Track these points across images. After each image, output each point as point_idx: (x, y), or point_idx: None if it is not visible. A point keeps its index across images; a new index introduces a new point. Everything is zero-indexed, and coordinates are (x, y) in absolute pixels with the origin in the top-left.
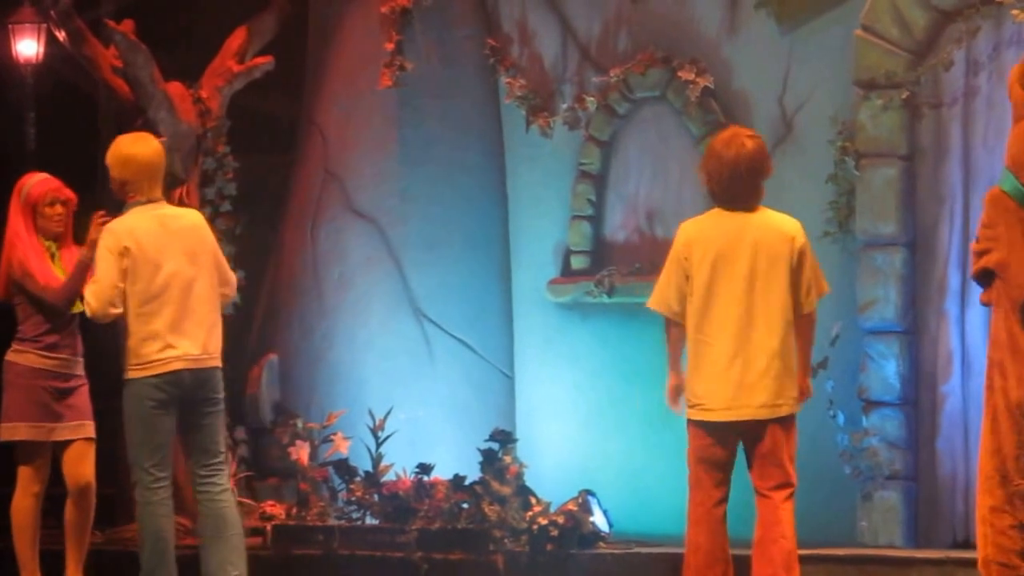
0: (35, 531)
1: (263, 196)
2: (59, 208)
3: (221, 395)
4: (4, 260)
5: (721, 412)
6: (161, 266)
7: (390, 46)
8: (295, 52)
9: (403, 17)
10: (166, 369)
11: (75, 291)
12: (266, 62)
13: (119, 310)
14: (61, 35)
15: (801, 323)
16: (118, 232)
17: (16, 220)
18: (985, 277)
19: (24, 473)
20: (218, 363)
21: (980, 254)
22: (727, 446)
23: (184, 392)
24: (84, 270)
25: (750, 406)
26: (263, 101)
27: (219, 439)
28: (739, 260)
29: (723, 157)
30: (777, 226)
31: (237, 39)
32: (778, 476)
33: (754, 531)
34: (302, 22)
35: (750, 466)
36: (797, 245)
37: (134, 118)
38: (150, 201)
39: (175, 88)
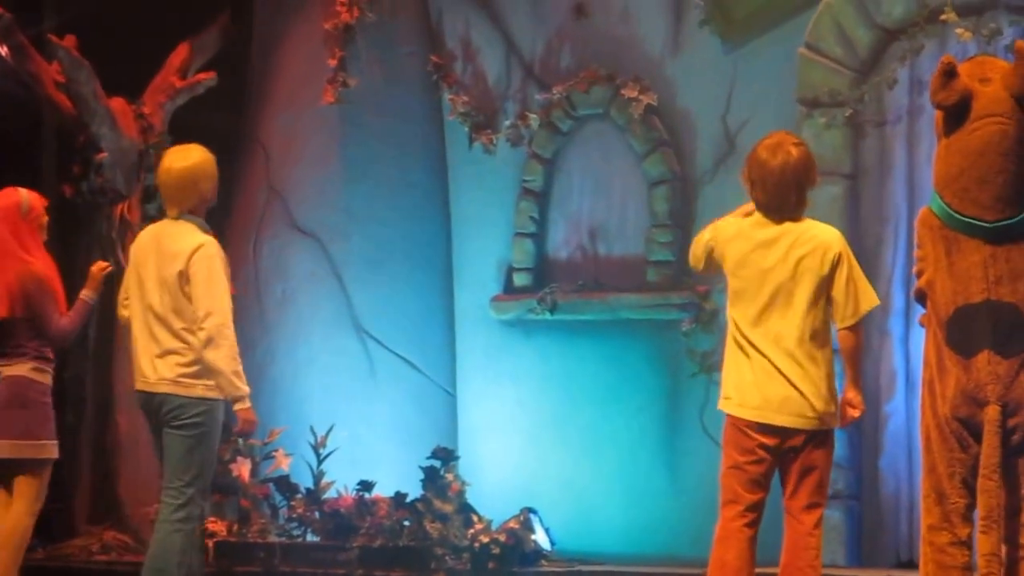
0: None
1: (205, 212)
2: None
3: (182, 420)
4: (14, 276)
5: (752, 411)
6: (143, 283)
7: (333, 62)
8: (238, 68)
9: (346, 34)
10: (135, 387)
11: (79, 332)
12: (209, 78)
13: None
14: (3, 50)
15: (841, 336)
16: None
17: (26, 239)
18: (922, 298)
19: (37, 490)
20: (172, 389)
21: (917, 275)
22: (760, 454)
23: (147, 413)
24: (88, 311)
25: (780, 413)
26: (206, 117)
27: (173, 465)
28: (774, 269)
29: (768, 165)
30: (814, 236)
31: (180, 55)
32: (808, 496)
33: (780, 556)
34: (245, 38)
35: (782, 483)
36: (830, 256)
37: (76, 133)
38: (169, 218)
39: (117, 104)
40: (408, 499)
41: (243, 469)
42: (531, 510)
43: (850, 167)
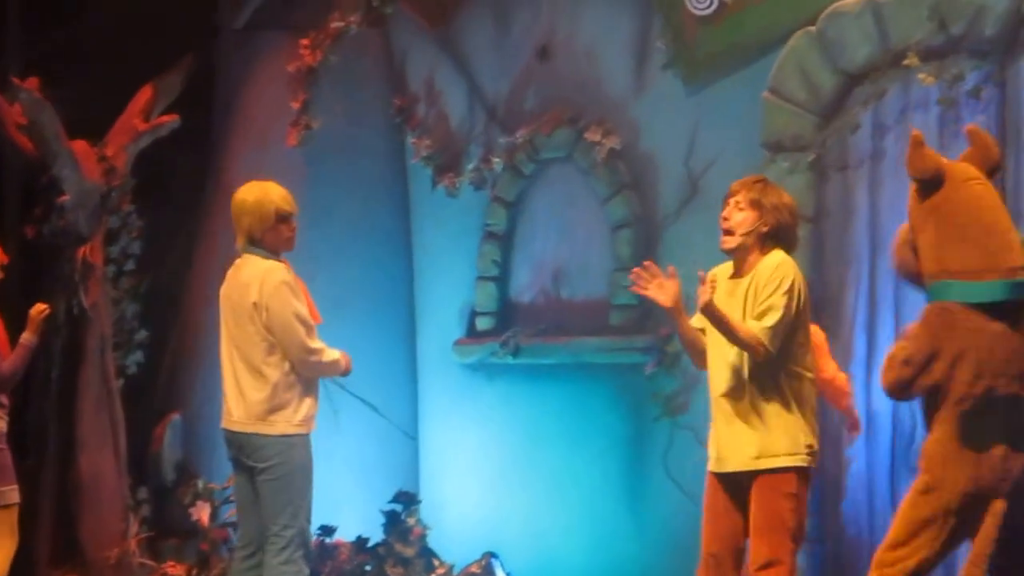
0: None
1: (168, 255)
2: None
3: (270, 463)
4: None
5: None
6: (226, 319)
7: (297, 105)
8: (202, 110)
9: (310, 76)
10: (222, 426)
11: (19, 376)
12: (172, 120)
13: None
14: None
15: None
16: None
17: None
18: (909, 393)
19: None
20: (259, 429)
21: (911, 372)
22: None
23: (235, 453)
24: (27, 354)
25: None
26: (169, 159)
27: (270, 512)
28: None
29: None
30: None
31: (143, 97)
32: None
33: None
34: (209, 80)
35: None
36: None
37: (39, 175)
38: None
39: (80, 146)
40: (370, 543)
41: (203, 513)
42: (493, 554)
43: (813, 211)
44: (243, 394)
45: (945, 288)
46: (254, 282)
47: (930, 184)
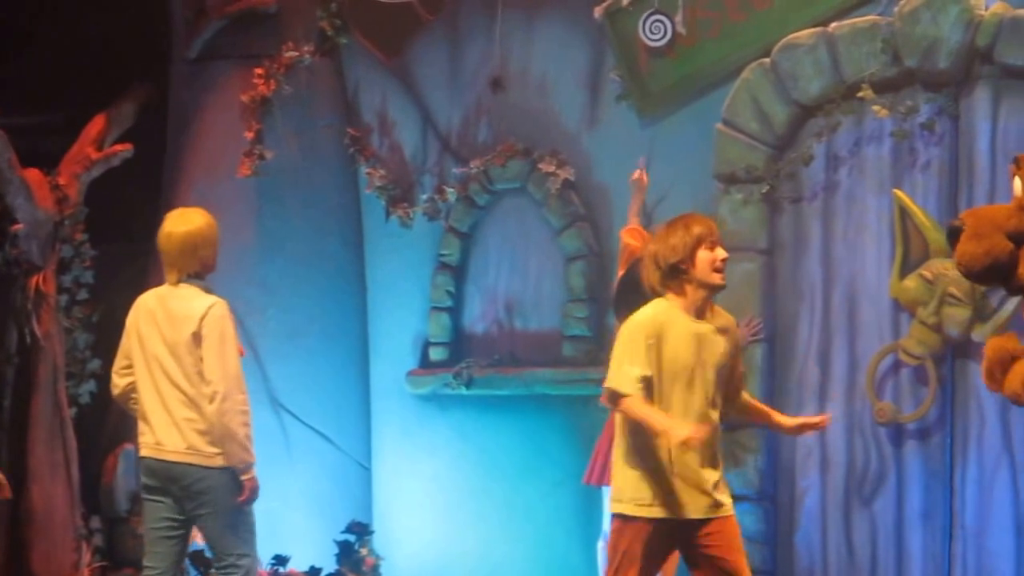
0: None
1: (121, 284)
2: None
3: (213, 495)
4: None
5: None
6: (147, 349)
7: (250, 135)
8: (155, 140)
9: (263, 106)
10: (141, 454)
11: None
12: (125, 149)
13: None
14: None
15: None
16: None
17: None
18: None
19: None
20: (200, 461)
21: None
22: None
23: (160, 483)
24: None
25: None
26: (122, 188)
27: (223, 543)
28: None
29: None
30: None
31: (96, 126)
32: None
33: None
34: (162, 110)
35: None
36: None
37: None
38: (168, 283)
39: (33, 175)
40: (323, 574)
41: None
42: None
43: (766, 243)
44: (177, 425)
45: None
46: (197, 315)
47: None
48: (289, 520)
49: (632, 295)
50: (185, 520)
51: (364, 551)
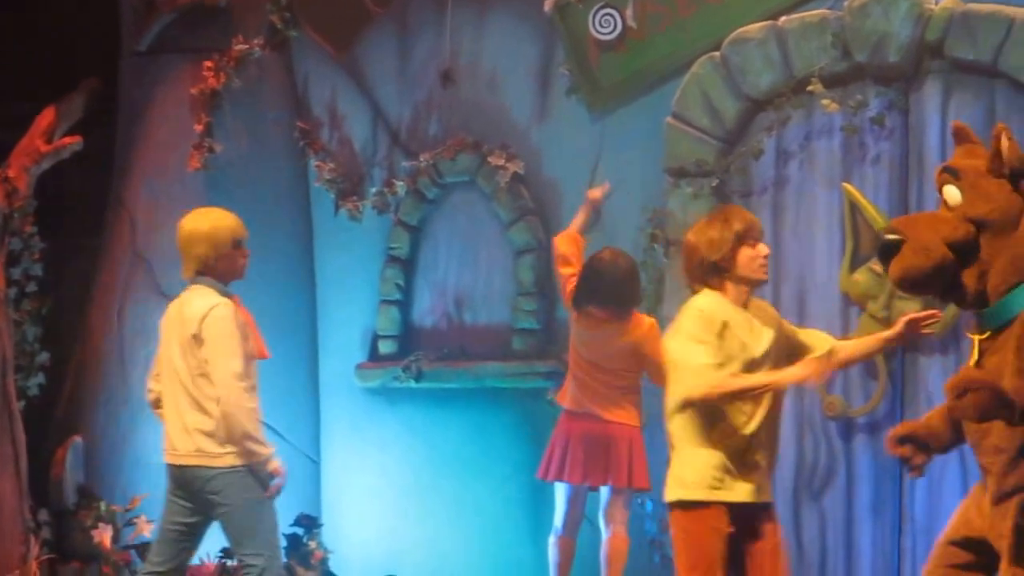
0: None
1: (70, 277)
2: None
3: (219, 495)
4: None
5: None
6: (170, 353)
7: (199, 128)
8: (104, 132)
9: (213, 99)
10: (165, 460)
11: None
12: (74, 142)
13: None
14: None
15: None
16: None
17: None
18: None
19: None
20: (206, 462)
21: None
22: None
23: (175, 486)
24: None
25: None
26: (72, 181)
27: (234, 542)
28: None
29: None
30: None
31: (45, 119)
32: None
33: None
34: (111, 103)
35: None
36: None
37: None
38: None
39: None
40: None
41: (104, 536)
42: None
43: None
44: (187, 429)
45: None
46: (198, 315)
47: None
48: None
49: (593, 286)
50: (196, 524)
51: (312, 544)
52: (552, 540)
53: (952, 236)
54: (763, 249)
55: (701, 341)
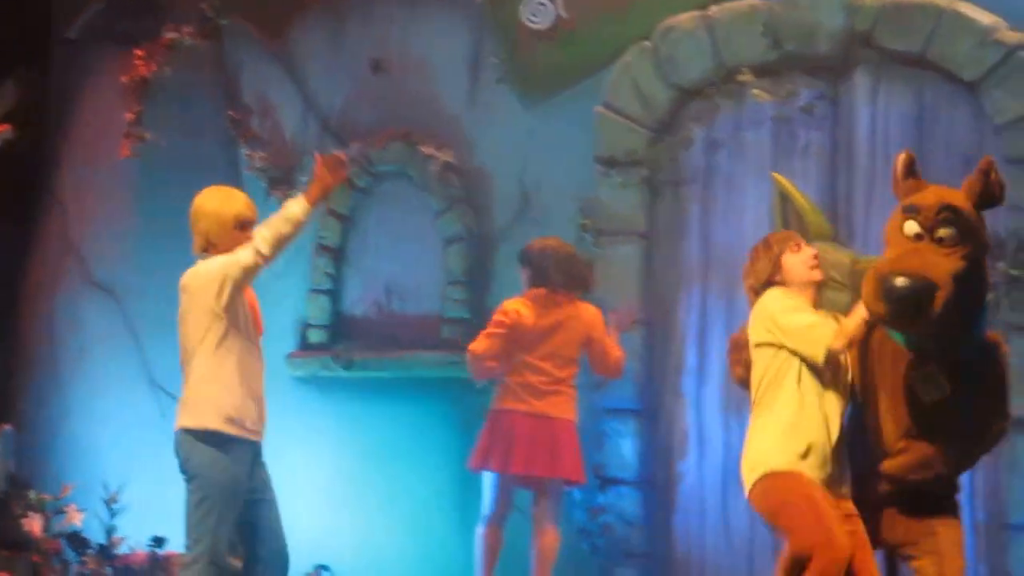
0: None
1: (1, 265)
2: None
3: (186, 464)
4: None
5: None
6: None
7: (130, 116)
8: (35, 121)
9: (143, 87)
10: None
11: None
12: (5, 130)
13: None
14: None
15: None
16: None
17: None
18: None
19: None
20: (177, 424)
21: None
22: None
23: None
24: None
25: None
26: (2, 170)
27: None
28: None
29: None
30: None
31: None
32: None
33: None
34: (42, 91)
35: None
36: None
37: None
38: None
39: None
40: None
41: (34, 524)
42: (324, 567)
43: (645, 226)
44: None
45: None
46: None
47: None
48: (167, 502)
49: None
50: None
51: None
52: (480, 530)
53: (958, 271)
54: (808, 250)
55: (798, 308)
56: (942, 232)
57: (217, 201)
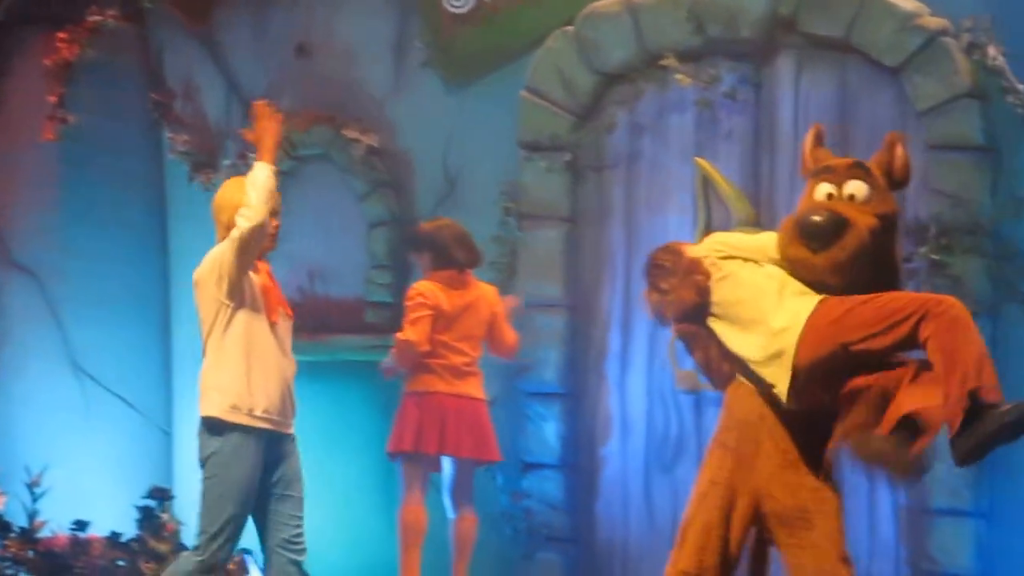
0: None
1: None
2: None
3: (199, 454)
4: None
5: None
6: None
7: (53, 99)
8: None
9: (67, 70)
10: None
11: None
12: None
13: None
14: None
15: None
16: None
17: None
18: None
19: None
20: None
21: None
22: None
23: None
24: None
25: None
26: None
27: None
28: None
29: None
30: None
31: None
32: None
33: None
34: None
35: None
36: None
37: None
38: None
39: None
40: (123, 538)
41: None
42: (246, 551)
43: (569, 210)
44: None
45: None
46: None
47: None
48: (90, 485)
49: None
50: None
51: (165, 516)
52: (402, 512)
53: (872, 226)
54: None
55: None
56: (853, 187)
57: (238, 192)
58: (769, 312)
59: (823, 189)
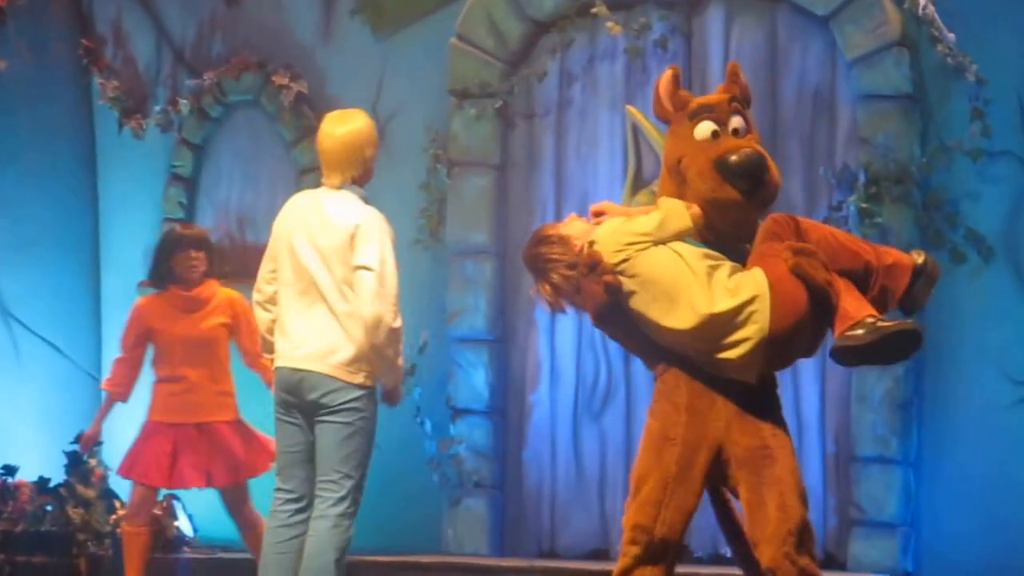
0: None
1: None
2: None
3: (337, 406)
4: None
5: None
6: (293, 251)
7: None
8: None
9: None
10: (276, 364)
11: None
12: None
13: (259, 295)
14: None
15: None
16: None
17: None
18: None
19: None
20: (327, 369)
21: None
22: None
23: (292, 396)
24: None
25: None
26: None
27: (335, 458)
28: None
29: None
30: None
31: None
32: None
33: None
34: None
35: None
36: None
37: None
38: (328, 187)
39: None
40: (51, 484)
41: None
42: (174, 497)
43: (498, 158)
44: (320, 337)
45: None
46: (352, 223)
47: None
48: (18, 430)
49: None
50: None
51: (93, 462)
52: (127, 528)
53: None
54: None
55: None
56: (736, 122)
57: (370, 124)
58: (692, 283)
59: (706, 127)
